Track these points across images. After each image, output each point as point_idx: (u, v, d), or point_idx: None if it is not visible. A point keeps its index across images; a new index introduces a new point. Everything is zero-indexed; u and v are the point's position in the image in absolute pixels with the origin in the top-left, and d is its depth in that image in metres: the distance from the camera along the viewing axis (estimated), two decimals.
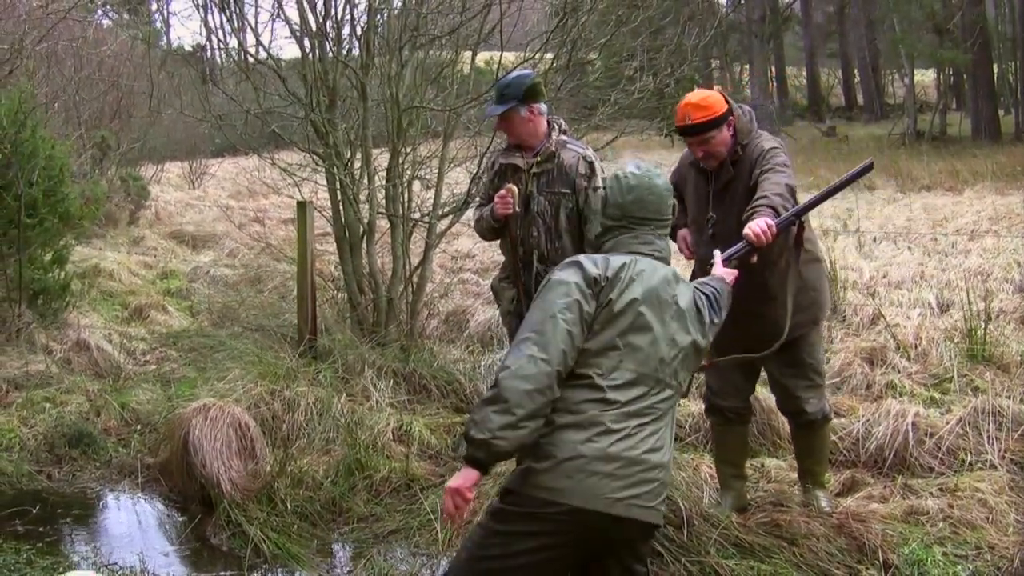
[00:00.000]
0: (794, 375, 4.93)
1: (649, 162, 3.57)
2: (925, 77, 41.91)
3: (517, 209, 5.30)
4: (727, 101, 4.69)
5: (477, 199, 5.98)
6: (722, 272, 3.87)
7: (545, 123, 5.39)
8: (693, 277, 4.46)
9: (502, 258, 5.79)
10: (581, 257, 3.34)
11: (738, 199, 4.67)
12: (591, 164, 5.35)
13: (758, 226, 4.11)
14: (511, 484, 3.23)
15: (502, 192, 5.30)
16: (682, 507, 4.72)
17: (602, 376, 3.19)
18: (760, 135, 4.81)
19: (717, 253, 4.06)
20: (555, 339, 3.12)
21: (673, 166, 5.24)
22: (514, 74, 5.40)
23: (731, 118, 4.68)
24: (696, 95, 4.68)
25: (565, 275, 3.27)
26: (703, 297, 3.52)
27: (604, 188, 3.66)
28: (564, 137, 5.45)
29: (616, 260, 3.31)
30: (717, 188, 4.80)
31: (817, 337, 5.09)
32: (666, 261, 3.45)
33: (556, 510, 3.09)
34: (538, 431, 3.11)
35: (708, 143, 4.67)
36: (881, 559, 4.58)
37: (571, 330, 3.15)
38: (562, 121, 5.56)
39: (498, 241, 5.73)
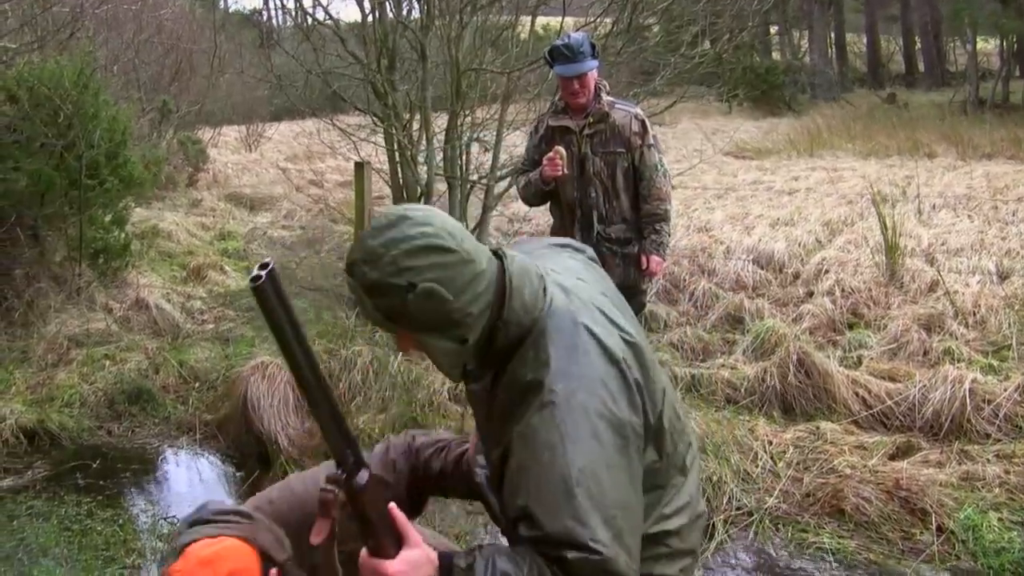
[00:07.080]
0: None
1: None
2: (988, 44, 41.00)
3: (567, 171, 5.32)
4: None
5: (521, 164, 5.94)
6: None
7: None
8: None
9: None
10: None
11: None
12: (643, 122, 5.40)
13: None
14: None
15: (550, 155, 5.31)
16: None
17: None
18: None
19: None
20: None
21: (732, 133, 4.84)
22: (577, 35, 5.36)
23: None
24: None
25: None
26: None
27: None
28: (610, 98, 5.47)
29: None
30: None
31: None
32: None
33: None
34: None
35: None
36: (936, 523, 4.59)
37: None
38: (605, 83, 5.57)
39: (547, 205, 5.76)
